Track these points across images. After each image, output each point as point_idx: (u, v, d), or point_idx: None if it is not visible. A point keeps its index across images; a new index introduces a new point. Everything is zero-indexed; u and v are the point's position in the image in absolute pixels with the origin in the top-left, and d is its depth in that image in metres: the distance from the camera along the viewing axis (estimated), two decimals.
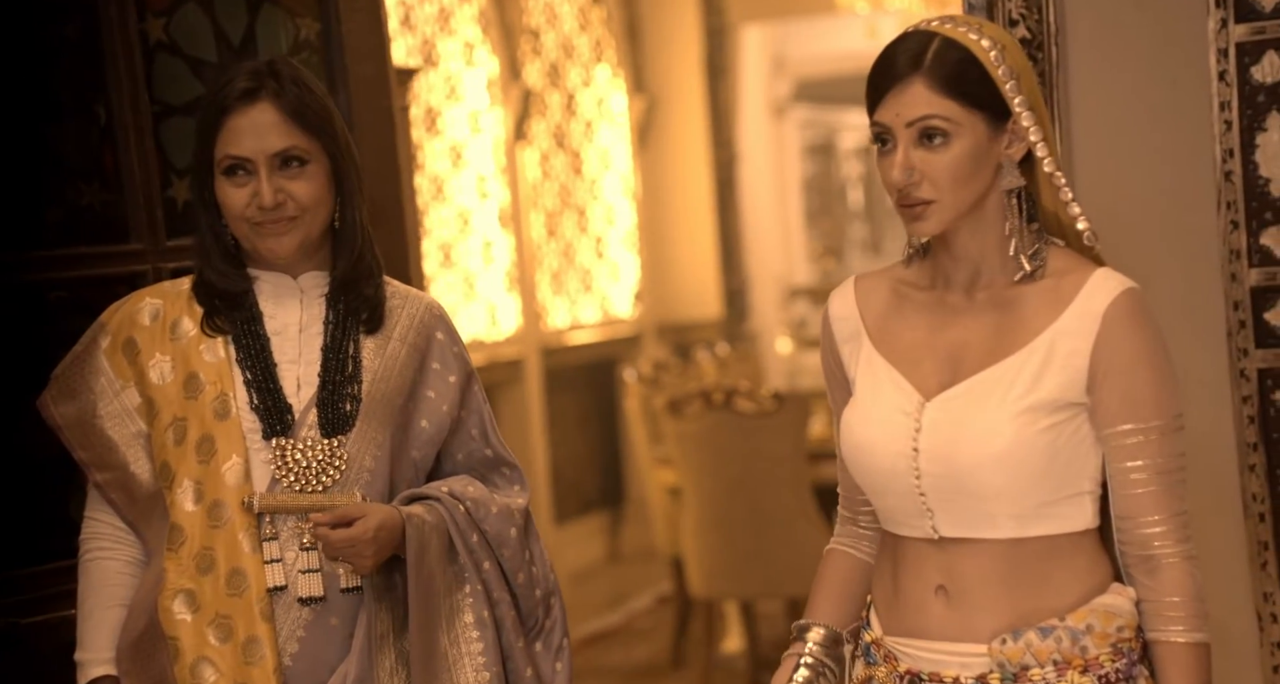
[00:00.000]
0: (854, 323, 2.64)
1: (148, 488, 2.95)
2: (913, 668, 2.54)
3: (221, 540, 2.87)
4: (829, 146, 14.03)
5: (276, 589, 2.86)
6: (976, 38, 2.47)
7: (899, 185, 2.47)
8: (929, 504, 2.51)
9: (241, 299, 2.96)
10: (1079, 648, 2.47)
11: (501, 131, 9.20)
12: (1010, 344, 2.50)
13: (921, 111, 2.45)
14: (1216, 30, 3.26)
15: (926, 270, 2.61)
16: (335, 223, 2.95)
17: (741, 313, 10.78)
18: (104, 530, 2.99)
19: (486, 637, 2.96)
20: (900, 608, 2.57)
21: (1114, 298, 2.48)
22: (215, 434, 2.90)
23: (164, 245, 3.47)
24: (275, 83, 2.87)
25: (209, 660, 2.85)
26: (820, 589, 2.76)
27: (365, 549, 2.83)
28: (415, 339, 3.03)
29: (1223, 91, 3.28)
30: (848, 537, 2.76)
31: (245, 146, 2.86)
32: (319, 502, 2.88)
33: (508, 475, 3.11)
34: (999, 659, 2.46)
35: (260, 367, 2.94)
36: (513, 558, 3.02)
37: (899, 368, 2.57)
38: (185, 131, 3.50)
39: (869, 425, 2.56)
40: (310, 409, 2.93)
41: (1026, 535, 2.48)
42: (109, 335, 2.99)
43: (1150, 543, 2.50)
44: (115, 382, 2.97)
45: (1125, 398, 2.47)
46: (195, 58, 3.53)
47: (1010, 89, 2.47)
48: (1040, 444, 2.45)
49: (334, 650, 2.89)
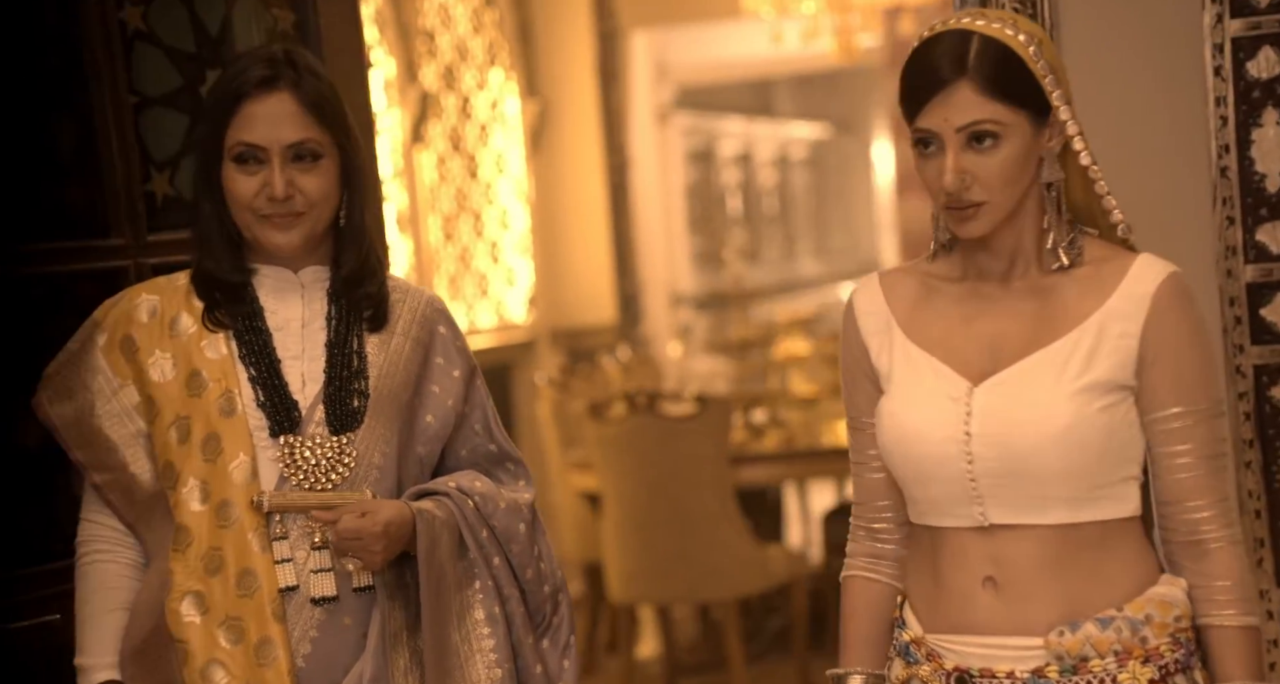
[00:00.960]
0: (883, 316, 2.62)
1: (148, 488, 2.87)
2: (961, 664, 2.51)
3: (230, 540, 2.80)
4: (709, 154, 14.05)
5: (288, 589, 2.80)
6: (1014, 33, 2.46)
7: (951, 190, 2.45)
8: (979, 490, 2.48)
9: (242, 292, 2.89)
10: (1139, 638, 2.45)
11: (400, 134, 9.10)
12: (1054, 330, 2.49)
13: (972, 116, 2.43)
14: (1212, 25, 3.28)
15: (955, 263, 2.61)
16: (340, 219, 2.89)
17: (635, 318, 10.74)
18: (102, 532, 2.91)
19: (498, 633, 2.92)
20: (944, 603, 2.54)
21: (1162, 280, 2.49)
22: (221, 432, 2.83)
23: (145, 240, 3.39)
24: (293, 72, 2.81)
25: (220, 663, 2.78)
26: (851, 629, 2.70)
27: (374, 543, 2.78)
28: (418, 333, 2.98)
29: (1218, 87, 3.30)
30: (865, 557, 2.70)
31: (260, 134, 2.79)
32: (329, 500, 2.82)
33: (512, 470, 3.07)
34: (1057, 651, 2.44)
35: (264, 363, 2.88)
36: (521, 553, 2.98)
37: (936, 356, 2.55)
38: (165, 124, 3.43)
39: (914, 413, 2.54)
40: (317, 406, 2.87)
41: (1078, 520, 2.47)
42: (105, 332, 2.91)
43: (1198, 528, 2.49)
44: (113, 380, 2.89)
45: (1174, 381, 2.47)
46: (173, 48, 3.44)
47: (1050, 84, 2.47)
48: (1098, 424, 2.45)
49: (347, 650, 2.83)
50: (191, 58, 3.46)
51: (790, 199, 16.13)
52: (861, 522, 2.71)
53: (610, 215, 10.68)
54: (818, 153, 16.81)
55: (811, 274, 15.89)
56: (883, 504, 2.67)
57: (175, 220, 3.40)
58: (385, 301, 2.95)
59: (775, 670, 7.23)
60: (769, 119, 15.67)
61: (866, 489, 2.69)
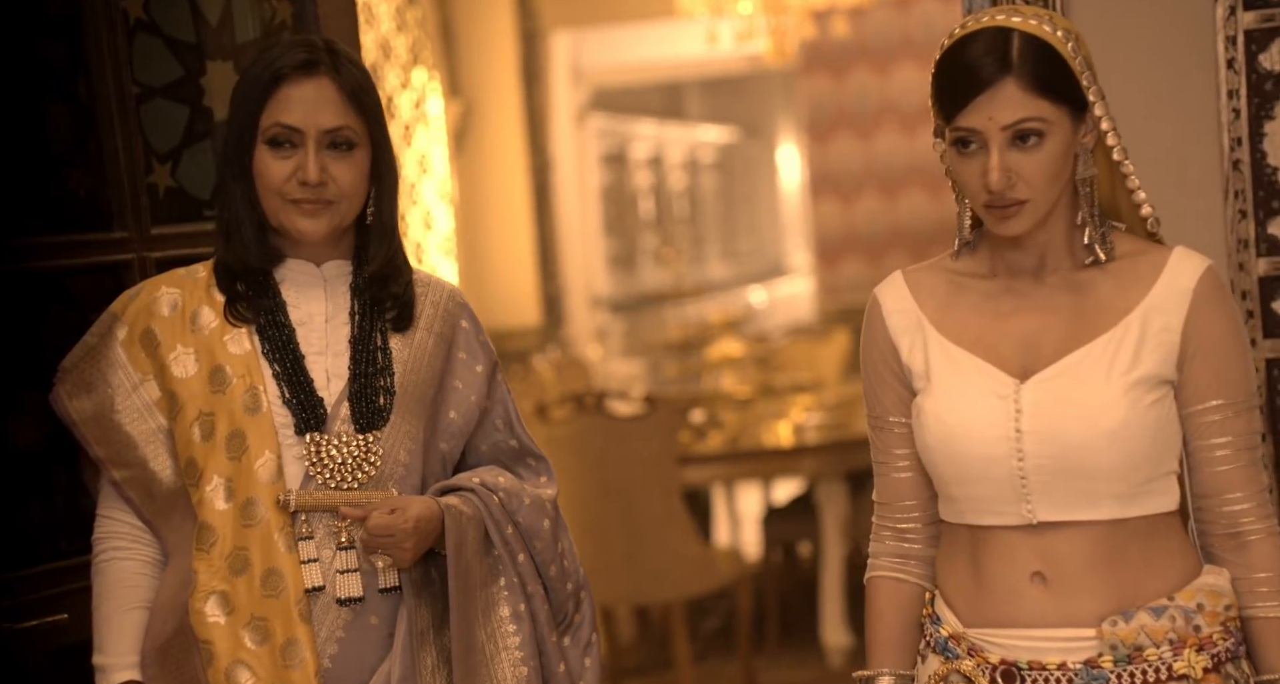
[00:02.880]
0: (912, 314, 2.61)
1: (168, 485, 2.82)
2: (1007, 658, 2.49)
3: (256, 540, 2.76)
4: (623, 156, 14.02)
5: (314, 590, 2.76)
6: (1051, 30, 2.45)
7: (997, 189, 2.44)
8: (1029, 488, 2.47)
9: (265, 283, 2.84)
10: (1192, 627, 2.46)
11: None
12: (1095, 325, 2.49)
13: (1018, 114, 2.42)
14: (1225, 17, 3.28)
15: (982, 260, 2.60)
16: (368, 216, 2.85)
17: (559, 320, 10.69)
18: (120, 529, 2.85)
19: (523, 630, 2.88)
20: (986, 599, 2.52)
21: (1201, 274, 2.50)
22: (246, 429, 2.78)
23: (149, 233, 3.32)
24: (332, 59, 2.77)
25: (245, 664, 2.73)
26: (878, 630, 2.67)
27: (405, 540, 2.75)
28: (441, 328, 2.94)
29: (1231, 79, 3.29)
30: (892, 558, 2.67)
31: (298, 117, 2.75)
32: (356, 498, 2.78)
33: (534, 466, 3.03)
34: (1111, 641, 2.44)
35: (289, 358, 2.83)
36: (545, 550, 2.95)
37: (975, 353, 2.54)
38: (166, 115, 3.36)
39: (960, 412, 2.52)
40: (342, 403, 2.82)
41: (1127, 516, 2.47)
42: (125, 326, 2.85)
43: (1237, 520, 2.51)
44: (134, 375, 2.84)
45: (1216, 373, 2.48)
46: (174, 38, 3.37)
47: (1087, 79, 2.47)
48: (1149, 419, 2.45)
49: (374, 651, 2.79)
50: (192, 48, 3.39)
51: (700, 202, 16.14)
52: (887, 522, 2.68)
53: (533, 217, 10.63)
54: (725, 156, 16.84)
55: (719, 277, 15.90)
56: (909, 504, 2.65)
57: (177, 213, 3.34)
58: (411, 304, 2.91)
59: (719, 671, 7.22)
60: (679, 122, 15.67)
61: (892, 489, 2.67)
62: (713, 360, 8.38)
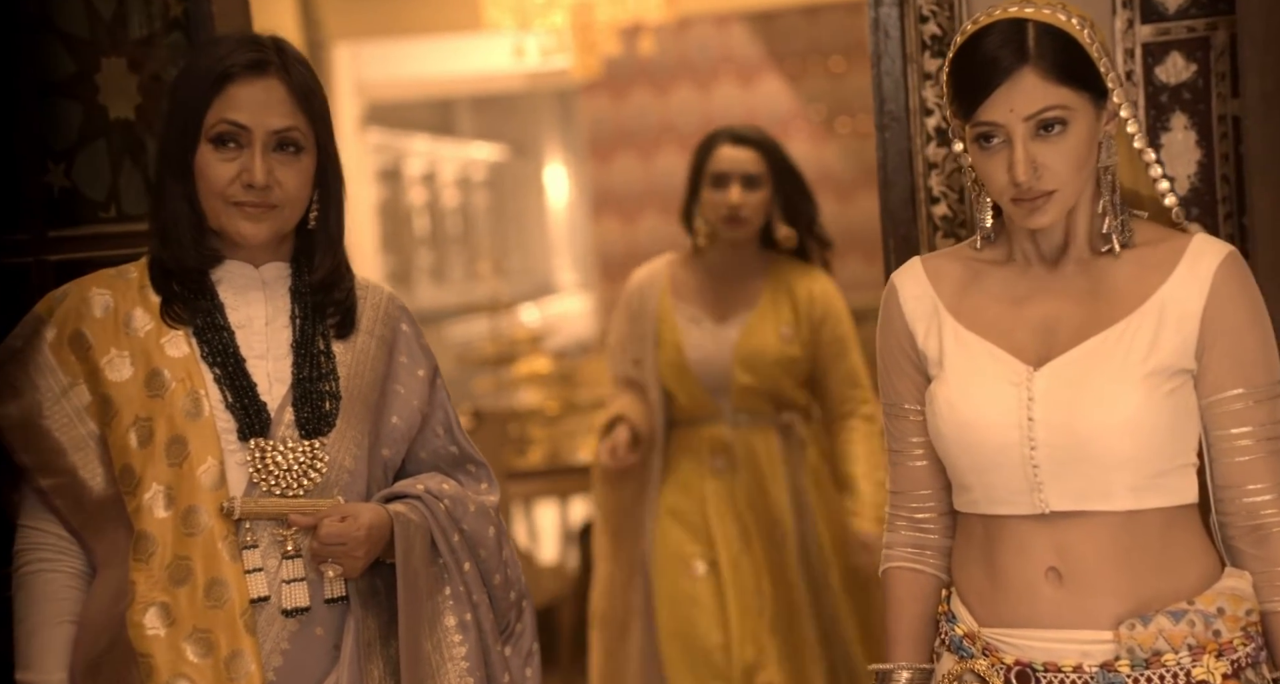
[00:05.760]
0: (929, 301, 2.58)
1: (98, 494, 2.70)
2: (1022, 658, 2.44)
3: (198, 549, 2.66)
4: (397, 172, 13.91)
5: (258, 600, 2.67)
6: (1066, 18, 2.43)
7: (1024, 182, 2.41)
8: (1041, 476, 2.43)
9: (202, 284, 2.75)
10: (1212, 632, 2.41)
11: None
12: (1112, 312, 2.46)
13: (1040, 104, 2.40)
14: (1124, 30, 3.32)
15: (1000, 248, 2.57)
16: (310, 221, 2.79)
17: None
18: (45, 540, 2.73)
19: (469, 640, 2.82)
20: (1001, 596, 2.48)
21: (1221, 259, 2.46)
22: (187, 435, 2.68)
23: (47, 236, 3.18)
24: (281, 59, 2.71)
25: (187, 677, 2.63)
26: (895, 623, 2.64)
27: (357, 549, 2.68)
28: (382, 331, 2.88)
29: (1129, 91, 3.35)
30: (908, 548, 2.64)
31: (246, 115, 2.67)
32: (303, 506, 2.70)
33: (474, 473, 2.98)
34: (1129, 645, 2.39)
35: (230, 362, 2.74)
36: (490, 558, 2.89)
37: (989, 339, 2.51)
38: (62, 112, 3.23)
39: (972, 399, 2.48)
40: (286, 408, 2.75)
41: (1142, 507, 2.42)
42: (54, 328, 2.73)
43: (1258, 511, 2.46)
44: (63, 379, 2.72)
45: (1235, 361, 2.44)
46: (69, 34, 3.24)
47: (1104, 66, 2.46)
48: (1165, 409, 2.42)
49: (319, 662, 2.71)
50: (87, 44, 3.26)
51: (472, 220, 16.07)
52: (903, 511, 2.65)
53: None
54: (495, 174, 16.78)
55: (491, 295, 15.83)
56: (925, 493, 2.62)
57: (73, 216, 3.22)
58: (353, 309, 2.85)
59: None
60: (452, 139, 15.60)
61: (908, 477, 2.64)
62: (519, 375, 8.33)
